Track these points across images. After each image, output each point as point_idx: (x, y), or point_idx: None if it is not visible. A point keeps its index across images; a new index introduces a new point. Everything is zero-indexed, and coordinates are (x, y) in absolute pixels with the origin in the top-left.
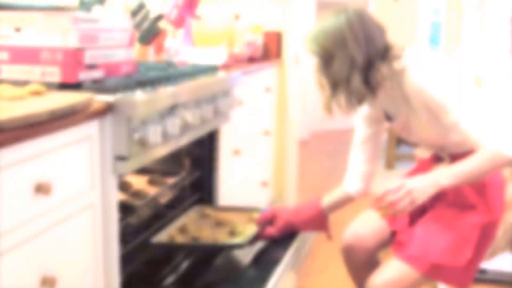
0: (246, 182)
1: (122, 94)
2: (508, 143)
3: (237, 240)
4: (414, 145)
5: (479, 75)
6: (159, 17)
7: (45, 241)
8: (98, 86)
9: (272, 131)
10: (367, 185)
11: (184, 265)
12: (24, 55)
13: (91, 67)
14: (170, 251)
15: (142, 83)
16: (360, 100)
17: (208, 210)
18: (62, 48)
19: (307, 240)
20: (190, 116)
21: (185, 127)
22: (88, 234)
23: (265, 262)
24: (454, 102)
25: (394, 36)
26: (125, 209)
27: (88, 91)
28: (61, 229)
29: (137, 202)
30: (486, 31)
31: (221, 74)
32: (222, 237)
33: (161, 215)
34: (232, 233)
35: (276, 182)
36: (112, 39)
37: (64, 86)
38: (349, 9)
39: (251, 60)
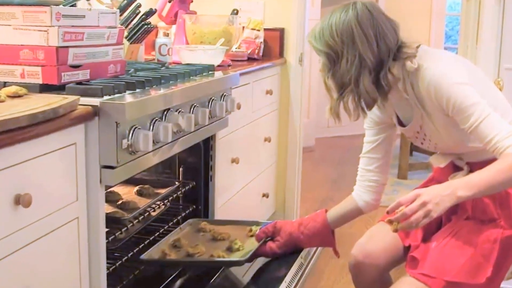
0: (245, 193)
1: (109, 97)
2: None
3: (235, 256)
4: (429, 152)
5: (499, 77)
6: (149, 13)
7: (25, 257)
8: (83, 88)
9: (273, 137)
10: (378, 196)
11: (178, 284)
12: (2, 54)
13: (76, 67)
14: (162, 268)
15: (131, 85)
16: (370, 104)
17: (204, 224)
18: (44, 47)
19: (312, 256)
20: (183, 121)
21: (178, 133)
22: (73, 250)
23: (265, 281)
24: (474, 105)
25: (407, 33)
26: (112, 222)
27: (72, 94)
28: (43, 244)
29: (126, 215)
30: (507, 27)
31: (218, 75)
32: (218, 254)
33: (152, 229)
34: (230, 249)
35: (277, 193)
36: (98, 36)
37: (46, 87)
38: (358, 3)
39: (251, 59)
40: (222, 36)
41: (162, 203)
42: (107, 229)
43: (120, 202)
